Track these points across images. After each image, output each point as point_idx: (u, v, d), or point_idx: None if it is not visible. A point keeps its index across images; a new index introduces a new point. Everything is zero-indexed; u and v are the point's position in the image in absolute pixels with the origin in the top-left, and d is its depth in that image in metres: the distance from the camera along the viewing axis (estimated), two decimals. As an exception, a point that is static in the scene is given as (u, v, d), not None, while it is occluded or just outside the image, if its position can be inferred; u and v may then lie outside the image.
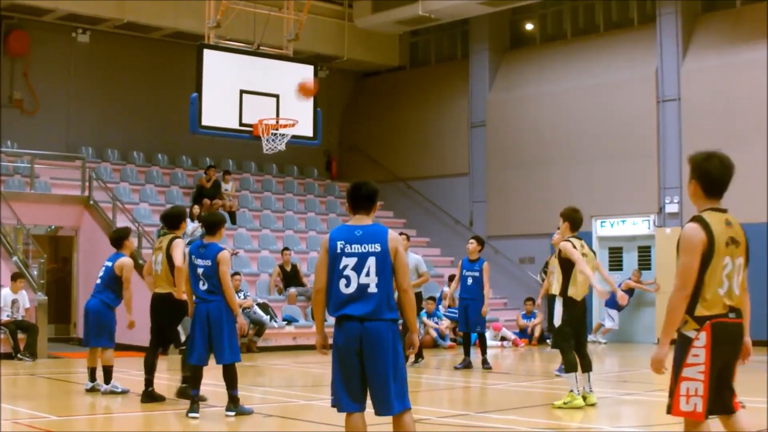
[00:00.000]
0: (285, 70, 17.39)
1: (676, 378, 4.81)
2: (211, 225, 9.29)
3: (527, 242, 22.30)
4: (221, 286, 8.97)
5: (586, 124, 21.74)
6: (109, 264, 10.83)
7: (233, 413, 9.06)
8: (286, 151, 17.57)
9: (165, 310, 10.00)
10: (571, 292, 9.55)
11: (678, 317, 4.82)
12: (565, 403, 9.45)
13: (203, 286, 9.04)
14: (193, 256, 9.17)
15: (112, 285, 10.77)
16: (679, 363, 4.81)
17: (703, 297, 4.79)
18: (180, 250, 9.79)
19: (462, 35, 25.11)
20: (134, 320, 10.74)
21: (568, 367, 9.53)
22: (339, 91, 26.80)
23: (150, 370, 10.03)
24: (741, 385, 12.19)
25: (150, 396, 10.05)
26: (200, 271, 9.03)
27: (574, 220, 9.79)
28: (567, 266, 9.58)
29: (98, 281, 10.90)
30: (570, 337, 9.59)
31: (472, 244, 14.40)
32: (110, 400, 10.46)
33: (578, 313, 9.65)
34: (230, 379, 9.11)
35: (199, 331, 9.00)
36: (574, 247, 9.54)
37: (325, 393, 9.06)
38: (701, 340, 4.76)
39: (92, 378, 10.98)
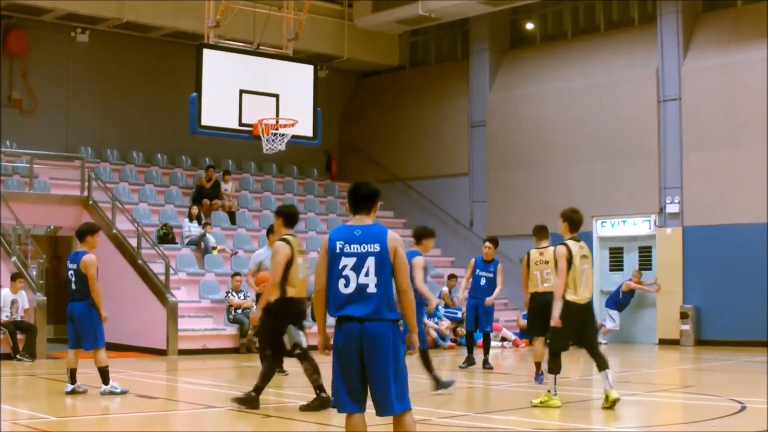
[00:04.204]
0: (285, 70, 17.37)
1: None
2: (418, 236, 10.51)
3: (527, 242, 21.83)
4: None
5: (587, 124, 21.70)
6: (75, 266, 10.69)
7: (439, 392, 10.49)
8: (286, 151, 17.54)
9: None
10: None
11: None
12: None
13: None
14: None
15: (87, 284, 10.65)
16: None
17: None
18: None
19: (462, 35, 25.07)
20: (107, 315, 10.65)
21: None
22: (339, 91, 26.77)
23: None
24: (741, 386, 12.11)
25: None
26: None
27: (572, 220, 9.68)
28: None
29: (73, 286, 10.70)
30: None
31: (489, 248, 14.66)
32: (109, 400, 10.42)
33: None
34: (425, 364, 10.46)
35: None
36: (570, 249, 9.45)
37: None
38: None
39: (73, 380, 10.82)
